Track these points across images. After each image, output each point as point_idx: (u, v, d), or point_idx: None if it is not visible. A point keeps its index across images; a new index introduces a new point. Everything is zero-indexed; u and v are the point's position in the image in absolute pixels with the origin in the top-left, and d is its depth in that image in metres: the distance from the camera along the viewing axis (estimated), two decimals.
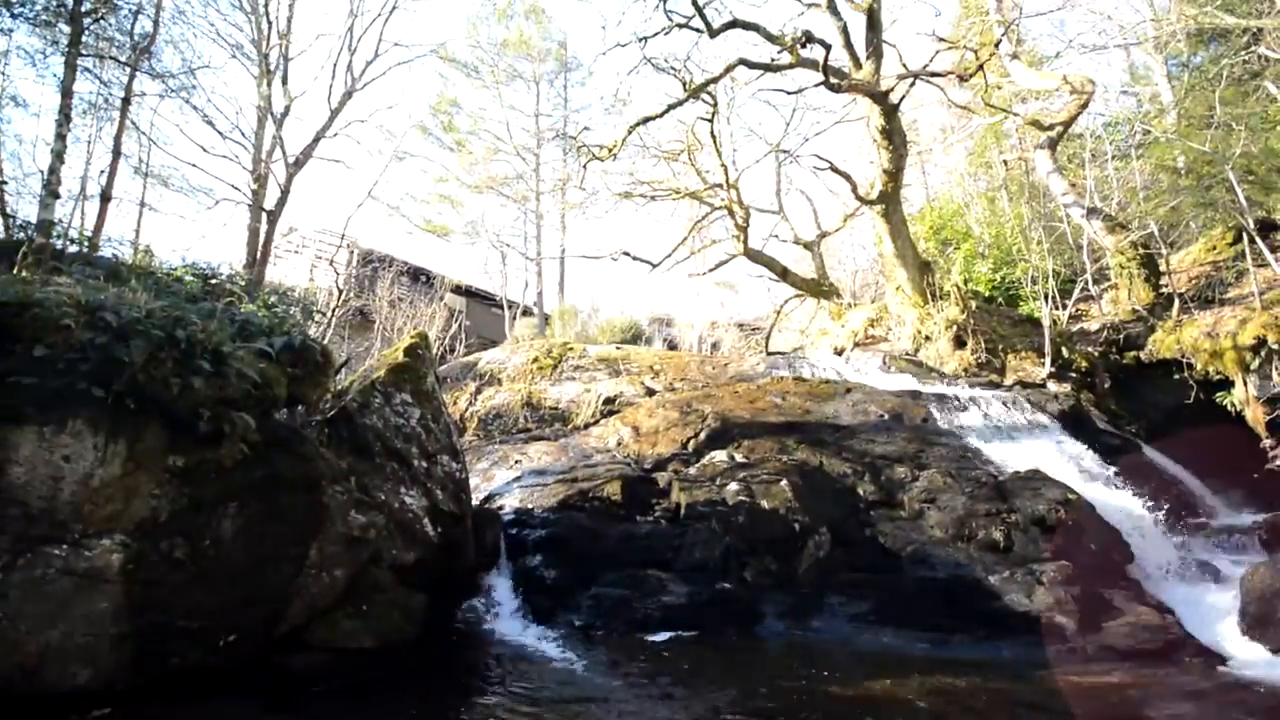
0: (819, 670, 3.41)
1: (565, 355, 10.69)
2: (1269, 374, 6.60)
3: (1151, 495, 5.45)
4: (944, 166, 18.25)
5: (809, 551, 4.77)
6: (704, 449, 6.46)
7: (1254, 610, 3.68)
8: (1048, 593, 3.91)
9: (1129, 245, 8.84)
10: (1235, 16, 11.61)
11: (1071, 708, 2.97)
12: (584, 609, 4.23)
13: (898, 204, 10.04)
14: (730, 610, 4.21)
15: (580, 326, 19.59)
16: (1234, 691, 3.07)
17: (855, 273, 18.44)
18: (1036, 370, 8.17)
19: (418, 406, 4.03)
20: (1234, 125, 9.93)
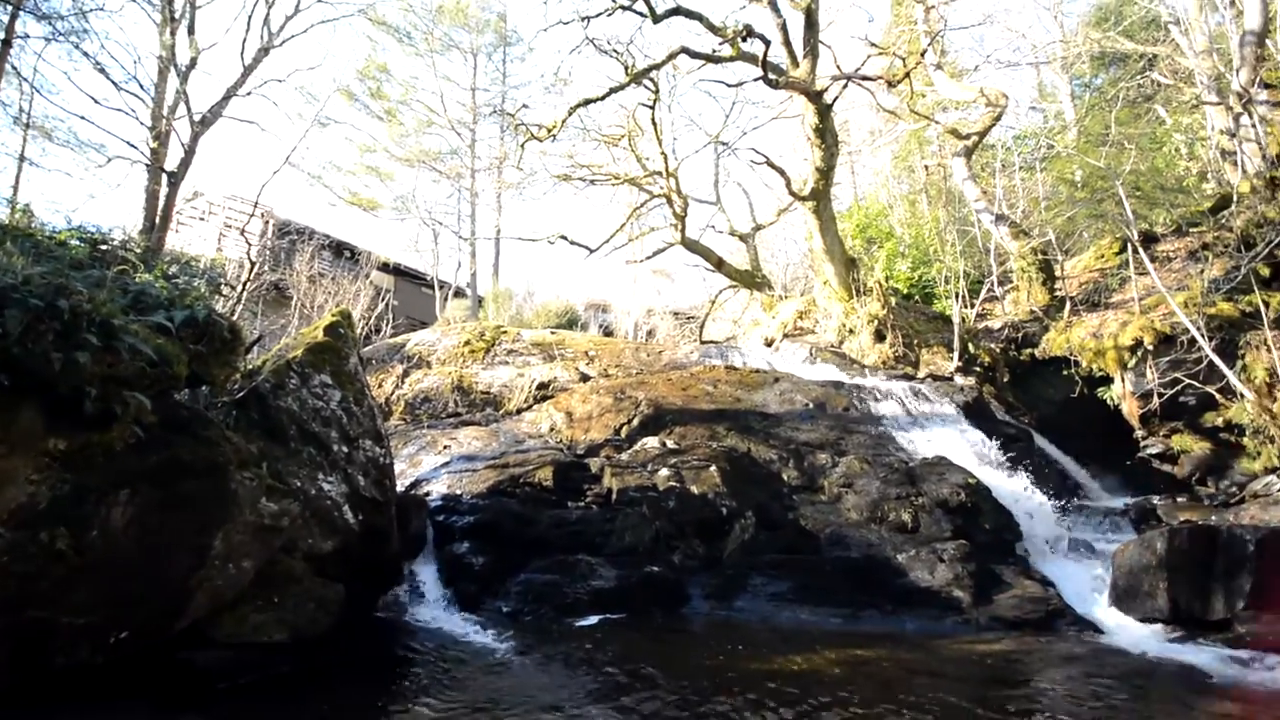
0: (740, 647, 3.55)
1: (499, 339, 10.47)
2: (1144, 372, 7.37)
3: (1040, 480, 6.00)
4: (871, 168, 19.09)
5: (735, 534, 4.93)
6: (637, 435, 6.52)
7: (1123, 584, 4.13)
8: (948, 569, 4.22)
9: (1030, 251, 9.59)
10: (1134, 43, 12.73)
11: (963, 673, 3.25)
12: (512, 595, 4.20)
13: (828, 202, 10.41)
14: (658, 592, 4.30)
15: (515, 310, 19.21)
16: (1103, 656, 3.44)
17: (787, 266, 19.03)
18: (946, 364, 8.75)
19: (338, 388, 3.84)
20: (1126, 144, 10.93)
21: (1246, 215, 7.89)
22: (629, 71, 9.44)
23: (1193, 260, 8.40)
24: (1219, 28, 11.45)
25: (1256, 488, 6.08)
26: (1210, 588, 3.77)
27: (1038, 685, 3.13)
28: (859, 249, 12.55)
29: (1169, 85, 12.11)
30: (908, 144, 15.61)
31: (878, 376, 8.32)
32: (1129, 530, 5.36)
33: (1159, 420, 7.25)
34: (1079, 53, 14.54)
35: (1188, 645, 3.56)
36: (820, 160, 9.83)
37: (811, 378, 7.96)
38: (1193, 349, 6.79)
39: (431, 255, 20.82)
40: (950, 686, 3.03)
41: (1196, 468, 6.88)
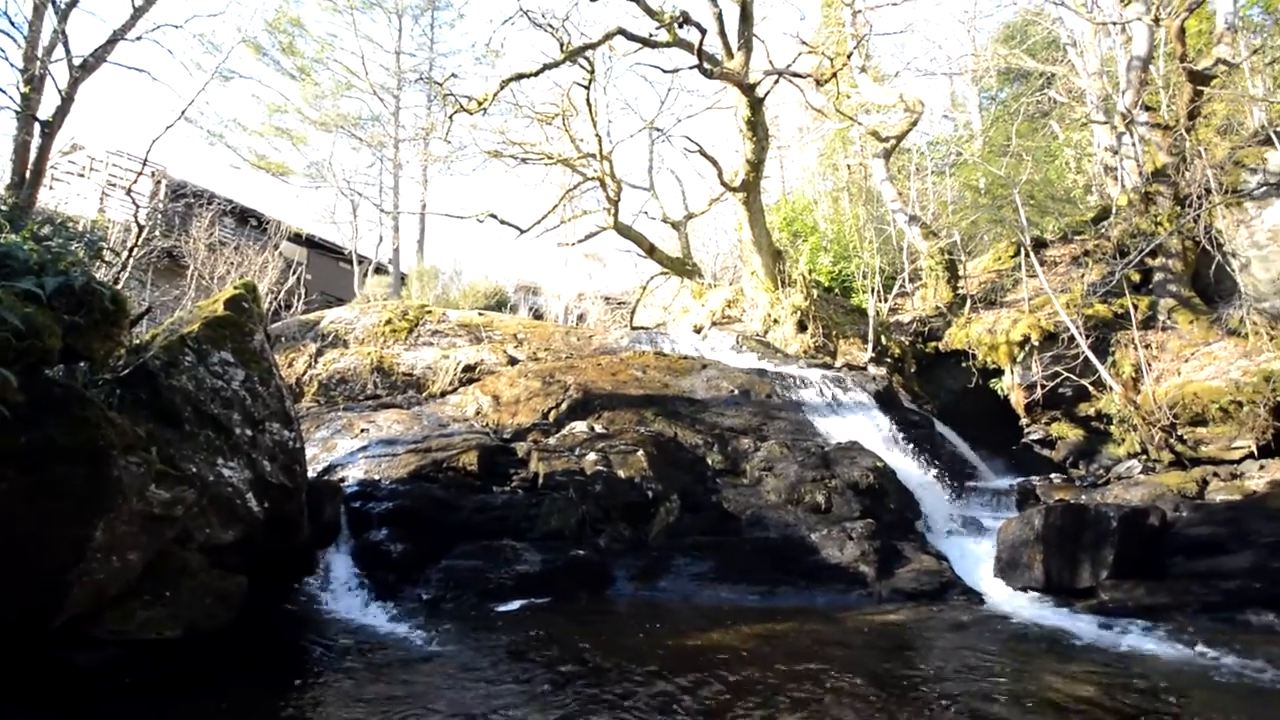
0: (663, 625, 3.65)
1: (423, 319, 10.07)
2: (1029, 365, 8.11)
3: (939, 463, 6.50)
4: (799, 164, 19.72)
5: (660, 517, 5.03)
6: (565, 419, 6.48)
7: (1005, 557, 4.55)
8: (855, 546, 4.51)
9: (938, 251, 10.26)
10: (1035, 61, 13.77)
11: (866, 641, 3.49)
12: (433, 583, 4.10)
13: (758, 194, 10.68)
14: (583, 575, 4.33)
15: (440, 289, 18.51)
16: (987, 622, 3.80)
17: (717, 255, 19.42)
18: (861, 354, 9.26)
19: (241, 367, 3.57)
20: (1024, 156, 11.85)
21: (1122, 226, 8.79)
22: (564, 48, 9.23)
23: (1076, 265, 9.29)
24: (1109, 52, 12.59)
25: (1120, 470, 6.86)
26: (1079, 559, 4.23)
27: (932, 648, 3.42)
28: (785, 242, 12.98)
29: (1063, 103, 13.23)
30: (833, 142, 16.23)
31: (799, 365, 8.68)
32: (1013, 509, 5.91)
33: (1041, 409, 8.02)
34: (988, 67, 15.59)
35: (1059, 611, 3.98)
36: (751, 153, 10.04)
37: (737, 365, 8.20)
38: (1072, 346, 7.54)
39: (350, 228, 19.58)
40: (855, 654, 3.26)
41: (1071, 452, 7.67)
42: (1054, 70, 13.24)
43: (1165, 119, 9.08)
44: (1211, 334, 7.30)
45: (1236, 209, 7.71)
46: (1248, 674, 2.89)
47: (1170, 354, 7.34)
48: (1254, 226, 7.59)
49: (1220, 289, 7.91)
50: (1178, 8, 8.70)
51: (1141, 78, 9.58)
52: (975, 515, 5.71)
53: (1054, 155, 14.08)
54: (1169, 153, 8.70)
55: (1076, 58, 12.70)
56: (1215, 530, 4.39)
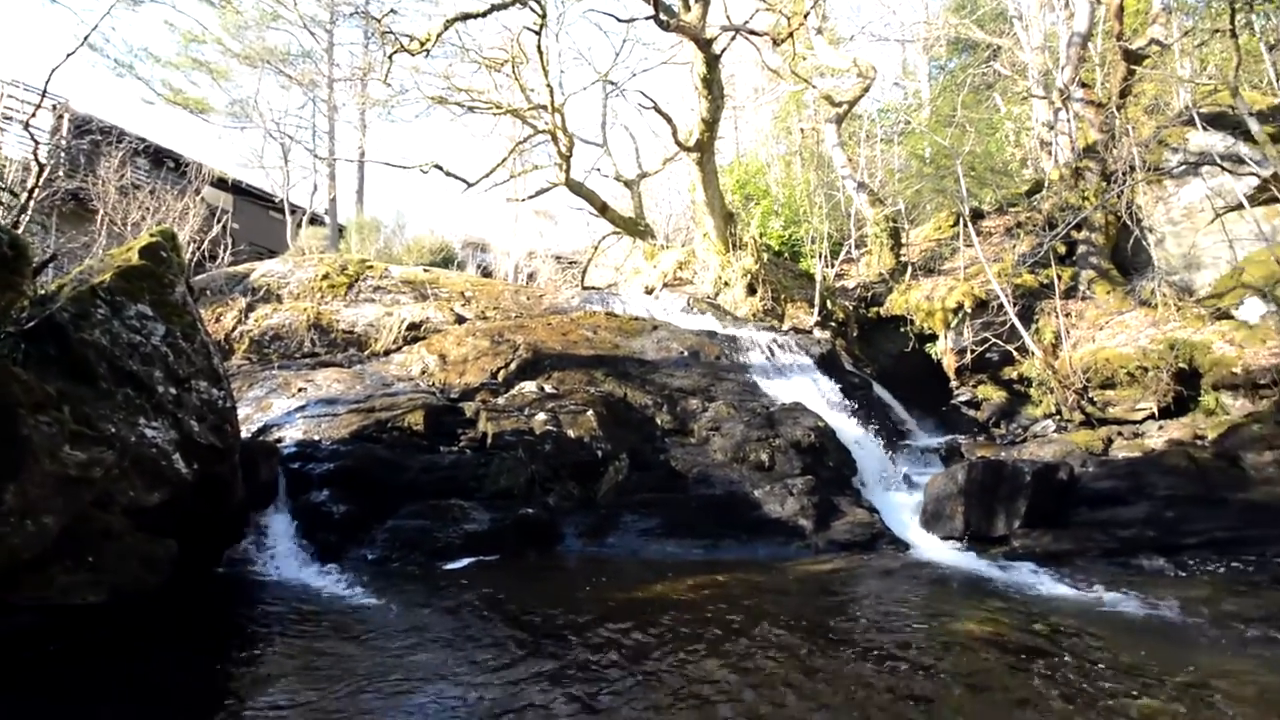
0: (610, 579, 3.75)
1: (363, 274, 9.65)
2: (962, 331, 8.53)
3: (876, 422, 6.82)
4: (754, 125, 19.62)
5: (609, 476, 5.11)
6: (514, 379, 6.42)
7: (931, 509, 4.88)
8: (795, 502, 4.72)
9: (883, 219, 10.52)
10: (984, 33, 14.01)
11: (802, 588, 3.71)
12: (378, 543, 4.06)
13: (712, 155, 10.59)
14: (533, 533, 4.38)
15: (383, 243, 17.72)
16: (912, 569, 4.08)
17: (670, 216, 19.27)
18: (807, 318, 9.50)
19: (162, 321, 3.34)
20: (968, 127, 12.18)
21: (1053, 200, 9.23)
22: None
23: (1009, 236, 9.73)
24: (1053, 27, 12.93)
25: (1036, 429, 7.39)
26: (995, 510, 4.58)
27: (859, 593, 3.66)
28: (738, 204, 13.00)
29: (1007, 76, 13.59)
30: (787, 105, 16.19)
31: (748, 328, 8.83)
32: (939, 465, 6.30)
33: (970, 373, 8.50)
34: (938, 35, 15.77)
35: (976, 558, 4.32)
36: (706, 111, 9.91)
37: (688, 327, 8.27)
38: (1001, 313, 7.96)
39: (281, 174, 18.29)
40: (790, 600, 3.46)
41: (994, 413, 8.20)
42: (1000, 43, 13.53)
43: (1099, 96, 9.48)
44: (1125, 304, 7.85)
45: (1157, 186, 8.21)
46: (1137, 613, 3.23)
47: (1088, 322, 7.87)
48: (1171, 204, 8.13)
49: (1136, 262, 8.48)
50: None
51: (1080, 54, 9.93)
52: (906, 471, 6.07)
53: (995, 128, 14.52)
54: (1100, 130, 9.12)
55: (1022, 31, 13.00)
56: (1116, 484, 4.82)
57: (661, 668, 2.52)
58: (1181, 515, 4.30)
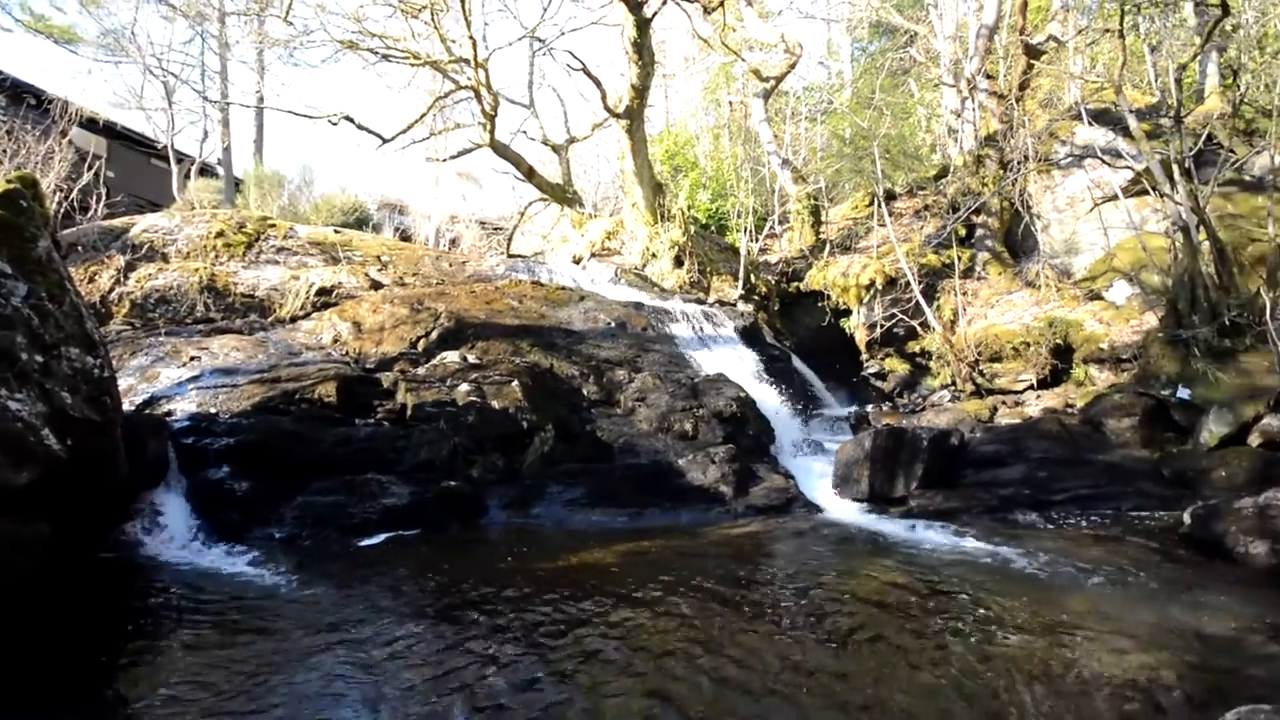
0: (534, 549, 3.77)
1: (265, 233, 8.91)
2: (873, 307, 9.03)
3: (793, 393, 7.15)
4: (684, 96, 19.51)
5: (535, 447, 5.08)
6: (435, 349, 6.20)
7: (840, 473, 5.21)
8: (717, 469, 4.90)
9: (805, 196, 10.86)
10: (902, 18, 14.51)
11: (721, 551, 3.88)
12: (287, 520, 3.86)
13: (641, 123, 10.47)
14: (455, 506, 4.31)
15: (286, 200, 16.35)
16: (821, 529, 4.36)
17: (599, 185, 18.99)
18: (732, 291, 9.73)
19: (23, 280, 2.95)
20: (885, 110, 12.68)
21: (957, 185, 9.85)
22: None
23: (917, 218, 10.33)
24: (964, 18, 13.60)
25: (934, 399, 8.01)
26: (896, 473, 4.95)
27: (774, 553, 3.88)
28: (666, 175, 12.98)
29: (921, 63, 14.20)
30: (716, 77, 16.20)
31: (675, 299, 8.94)
32: (849, 432, 6.72)
33: (879, 346, 9.05)
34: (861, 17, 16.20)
35: (878, 517, 4.67)
36: (636, 78, 9.74)
37: (615, 297, 8.26)
38: (907, 290, 8.49)
39: (165, 118, 16.33)
40: (711, 562, 3.61)
41: (898, 384, 8.80)
42: (917, 29, 14.09)
43: (1001, 88, 10.12)
44: (1014, 284, 8.58)
45: (1046, 176, 8.94)
46: (1013, 562, 3.62)
47: (981, 301, 8.55)
48: (1057, 193, 8.88)
49: (1025, 246, 9.25)
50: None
51: (987, 46, 10.52)
52: (819, 438, 6.43)
53: (909, 112, 15.22)
54: (1000, 120, 9.76)
55: (936, 19, 13.58)
56: (999, 448, 5.33)
57: (588, 635, 2.57)
58: (1052, 475, 4.83)
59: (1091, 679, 2.24)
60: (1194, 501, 3.99)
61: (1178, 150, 6.09)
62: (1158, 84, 8.31)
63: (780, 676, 2.26)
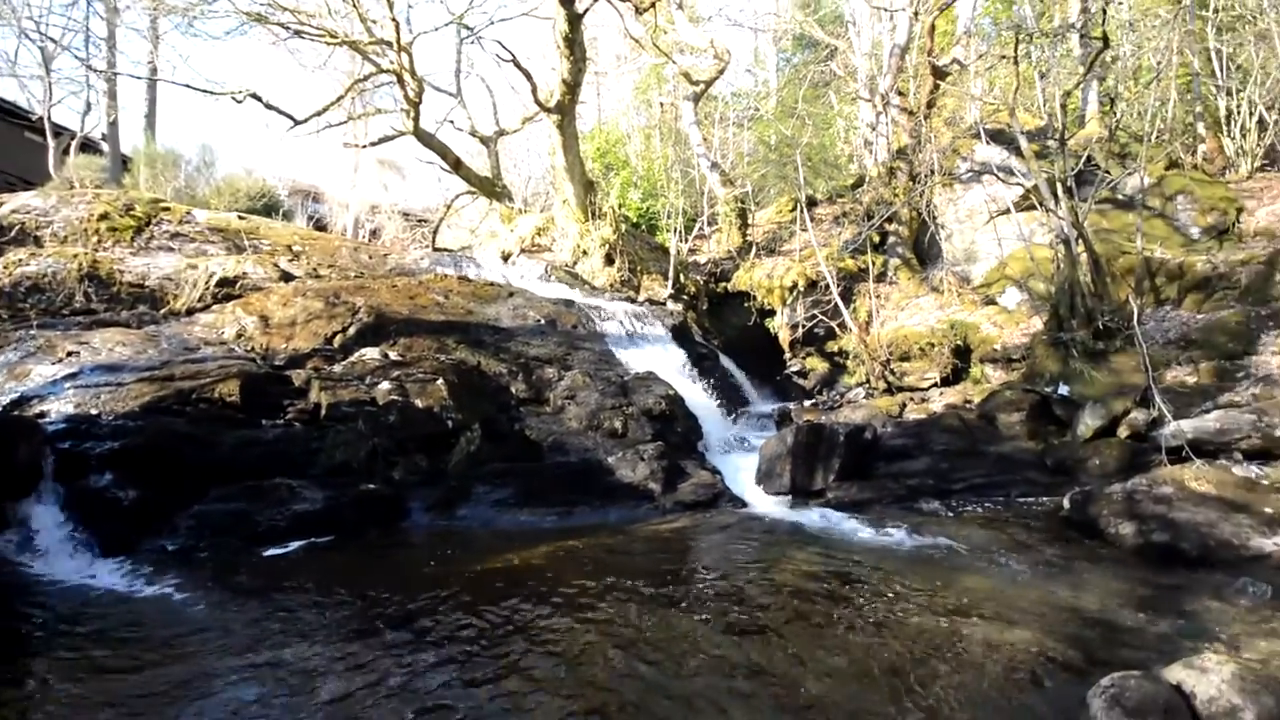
0: (460, 551, 3.68)
1: (157, 216, 8.17)
2: (795, 308, 9.41)
3: (720, 391, 7.34)
4: (616, 94, 19.53)
5: (461, 447, 4.94)
6: (354, 346, 5.90)
7: (764, 468, 5.39)
8: (646, 466, 4.96)
9: (733, 199, 11.15)
10: (824, 33, 15.17)
11: (650, 547, 3.94)
12: (182, 531, 3.57)
13: (573, 119, 10.39)
14: (374, 510, 4.13)
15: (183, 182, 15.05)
16: (747, 523, 4.51)
17: (529, 179, 18.68)
18: (661, 291, 9.85)
19: None
20: (807, 120, 13.22)
21: (872, 194, 10.42)
22: None
23: (836, 224, 10.85)
24: (880, 36, 14.39)
25: (850, 396, 8.45)
26: (816, 467, 5.19)
27: (701, 547, 3.98)
28: (598, 173, 12.95)
29: (840, 77, 14.92)
30: (648, 77, 16.32)
31: (605, 297, 8.94)
32: (773, 428, 6.97)
33: (800, 346, 9.45)
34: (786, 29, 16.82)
35: (799, 509, 4.88)
36: (568, 73, 9.66)
37: (545, 295, 8.16)
38: (826, 293, 8.90)
39: (41, 86, 14.56)
40: (639, 559, 3.66)
41: (819, 381, 9.22)
42: (837, 44, 14.79)
43: (911, 105, 10.80)
44: (921, 289, 9.19)
45: (949, 189, 9.62)
46: (918, 546, 3.89)
47: (893, 304, 9.10)
48: (959, 205, 9.58)
49: (931, 253, 9.92)
50: (933, 5, 10.23)
51: (899, 64, 11.19)
52: (745, 435, 6.63)
53: (829, 123, 15.96)
54: (910, 135, 10.42)
55: (855, 36, 14.31)
56: (906, 442, 5.70)
57: (514, 642, 2.53)
58: (952, 466, 5.22)
59: (985, 653, 2.45)
60: (1072, 488, 4.43)
61: (1061, 170, 6.73)
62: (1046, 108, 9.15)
63: (702, 675, 2.32)
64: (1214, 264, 6.85)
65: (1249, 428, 4.44)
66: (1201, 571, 3.31)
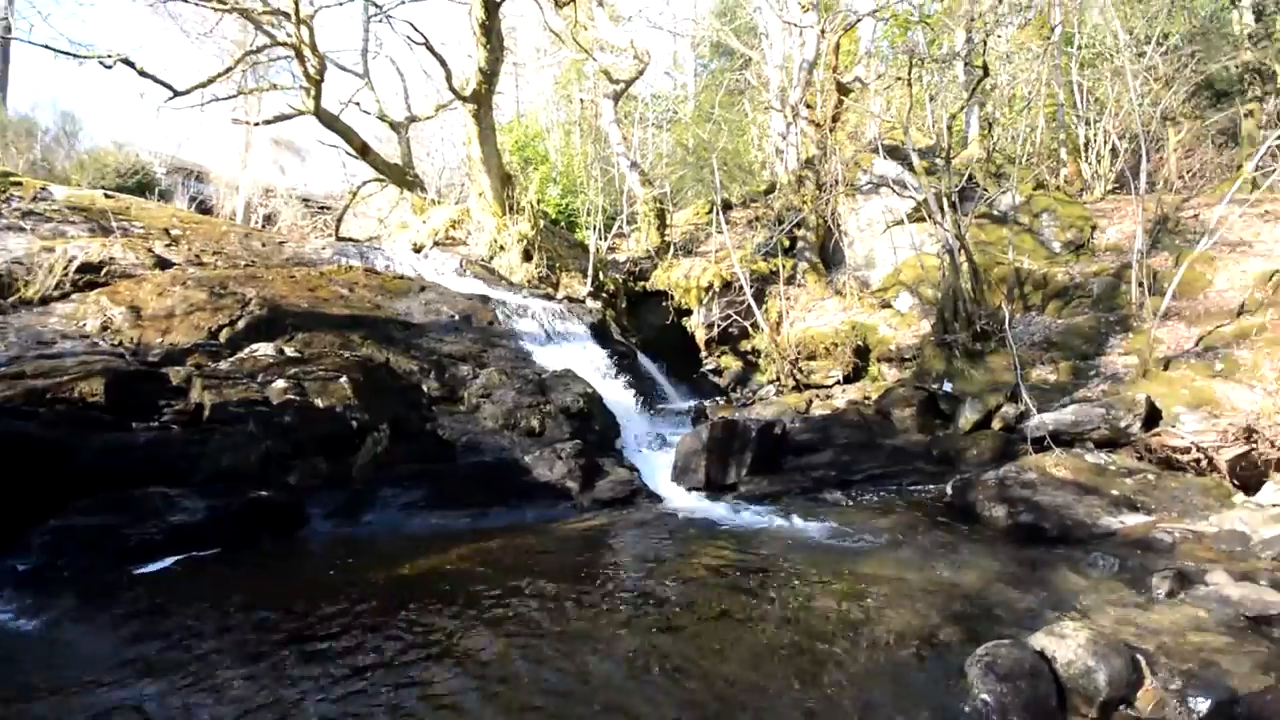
0: (365, 559, 3.49)
1: (6, 192, 7.14)
2: (711, 308, 9.69)
3: (639, 389, 7.42)
4: (535, 87, 19.20)
5: (367, 448, 4.69)
6: (243, 340, 5.44)
7: (680, 464, 5.51)
8: (564, 465, 4.93)
9: (652, 199, 11.30)
10: (739, 42, 15.66)
11: (567, 546, 3.93)
12: (35, 548, 3.15)
13: (489, 109, 10.11)
14: (267, 518, 3.82)
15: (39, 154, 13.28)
16: (663, 518, 4.59)
17: (443, 169, 18.00)
18: (581, 288, 9.82)
19: None
20: (723, 125, 13.63)
21: (782, 201, 10.91)
22: None
23: (750, 227, 11.26)
24: (791, 51, 15.06)
25: (762, 393, 8.82)
26: (729, 462, 5.37)
27: (617, 544, 4.01)
28: (516, 166, 12.69)
29: (754, 86, 15.49)
30: (569, 72, 16.18)
31: (523, 294, 8.78)
32: (689, 425, 7.13)
33: (716, 344, 9.74)
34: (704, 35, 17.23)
35: (713, 503, 5.03)
36: (485, 61, 9.39)
37: (460, 290, 7.91)
38: (740, 294, 9.23)
39: None
40: (556, 557, 3.64)
41: (733, 379, 9.55)
42: (751, 55, 15.34)
43: (818, 118, 11.40)
44: (826, 292, 9.74)
45: (851, 199, 10.25)
46: (822, 534, 4.13)
47: (801, 305, 9.58)
48: (860, 214, 10.22)
49: (835, 258, 10.53)
50: (837, 25, 10.85)
51: (808, 79, 11.78)
52: (662, 432, 6.74)
53: (744, 130, 16.54)
54: (817, 146, 11.00)
55: (768, 48, 14.90)
56: (812, 436, 6.03)
57: (422, 648, 2.45)
58: (853, 458, 5.59)
59: (879, 632, 2.65)
60: (954, 476, 4.88)
61: (946, 186, 7.36)
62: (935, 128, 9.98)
63: (617, 675, 2.33)
64: (1072, 275, 7.75)
65: (1099, 420, 5.07)
66: (1061, 548, 3.74)
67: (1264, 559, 3.27)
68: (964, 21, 10.41)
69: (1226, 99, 11.21)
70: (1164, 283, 6.56)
